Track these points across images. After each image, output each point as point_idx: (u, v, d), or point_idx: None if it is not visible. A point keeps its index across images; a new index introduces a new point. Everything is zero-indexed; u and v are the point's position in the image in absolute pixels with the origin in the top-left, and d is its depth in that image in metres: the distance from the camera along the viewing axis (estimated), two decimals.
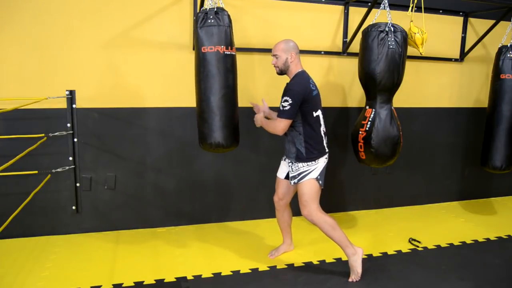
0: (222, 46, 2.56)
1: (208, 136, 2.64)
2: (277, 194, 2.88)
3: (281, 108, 2.53)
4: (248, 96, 3.41)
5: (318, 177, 2.63)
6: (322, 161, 2.65)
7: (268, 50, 3.38)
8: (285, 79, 3.43)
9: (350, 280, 2.63)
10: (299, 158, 2.61)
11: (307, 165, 2.61)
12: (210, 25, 2.53)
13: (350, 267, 2.66)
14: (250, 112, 3.45)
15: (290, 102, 2.49)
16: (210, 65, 2.57)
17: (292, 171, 2.66)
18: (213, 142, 2.64)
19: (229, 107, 2.65)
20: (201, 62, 2.59)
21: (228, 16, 2.59)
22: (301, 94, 2.51)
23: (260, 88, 3.44)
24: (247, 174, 3.58)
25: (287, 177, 2.78)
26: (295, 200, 3.48)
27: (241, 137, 2.77)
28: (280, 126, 2.53)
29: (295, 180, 2.64)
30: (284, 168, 2.81)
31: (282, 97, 2.54)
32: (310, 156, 2.60)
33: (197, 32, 2.57)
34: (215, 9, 2.56)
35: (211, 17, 2.54)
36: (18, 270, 2.66)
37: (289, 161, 2.69)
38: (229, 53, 2.61)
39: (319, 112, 2.61)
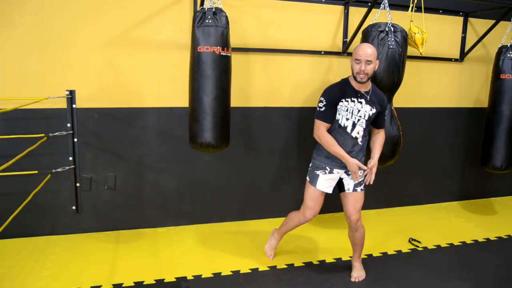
0: (218, 47, 2.55)
1: (199, 135, 2.64)
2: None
3: (386, 118, 2.64)
4: (247, 97, 3.41)
5: None
6: None
7: (268, 51, 3.39)
8: (286, 79, 3.41)
9: (353, 280, 2.66)
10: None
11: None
12: (207, 25, 2.53)
13: (359, 268, 2.71)
14: (250, 112, 3.46)
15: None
16: (205, 65, 2.56)
17: (360, 177, 2.51)
18: (203, 142, 2.63)
19: (221, 108, 2.64)
20: (196, 62, 2.58)
21: (226, 17, 2.60)
22: None
23: (259, 89, 3.44)
24: (247, 174, 3.57)
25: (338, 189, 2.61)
26: (286, 200, 3.47)
27: (241, 137, 2.77)
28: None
29: (362, 187, 2.56)
30: (332, 183, 2.56)
31: (384, 109, 2.52)
32: None
33: (194, 31, 2.57)
34: (214, 10, 2.55)
35: (209, 17, 2.53)
36: (18, 270, 2.65)
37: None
38: (225, 54, 2.60)
39: None
